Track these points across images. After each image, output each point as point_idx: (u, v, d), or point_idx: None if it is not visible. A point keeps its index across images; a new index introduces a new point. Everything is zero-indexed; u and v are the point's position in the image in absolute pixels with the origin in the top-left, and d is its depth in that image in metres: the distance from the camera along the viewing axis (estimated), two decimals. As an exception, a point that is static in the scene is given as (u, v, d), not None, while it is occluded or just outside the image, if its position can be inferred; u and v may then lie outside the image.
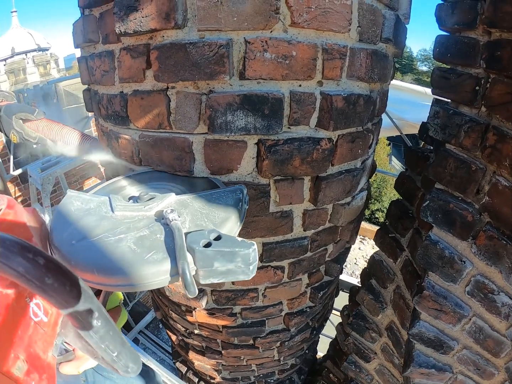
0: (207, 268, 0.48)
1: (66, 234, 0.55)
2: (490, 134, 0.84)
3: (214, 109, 0.77)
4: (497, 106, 0.84)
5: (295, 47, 0.75)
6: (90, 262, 0.49)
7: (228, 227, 0.59)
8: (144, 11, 0.72)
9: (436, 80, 0.96)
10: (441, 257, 0.93)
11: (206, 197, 0.67)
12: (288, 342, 1.26)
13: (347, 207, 1.01)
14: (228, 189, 0.69)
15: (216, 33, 0.72)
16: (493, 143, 0.84)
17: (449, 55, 0.92)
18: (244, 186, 0.71)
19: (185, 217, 0.59)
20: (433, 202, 0.95)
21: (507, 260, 0.83)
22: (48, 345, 0.45)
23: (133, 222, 0.57)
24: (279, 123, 0.79)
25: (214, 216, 0.60)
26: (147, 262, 0.48)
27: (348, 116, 0.85)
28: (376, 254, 1.23)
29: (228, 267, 0.48)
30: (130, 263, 0.48)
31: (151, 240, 0.52)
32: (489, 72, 0.84)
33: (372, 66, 0.85)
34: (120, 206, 0.61)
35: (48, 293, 0.31)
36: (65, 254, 0.51)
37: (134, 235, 0.53)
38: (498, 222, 0.85)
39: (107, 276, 0.48)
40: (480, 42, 0.85)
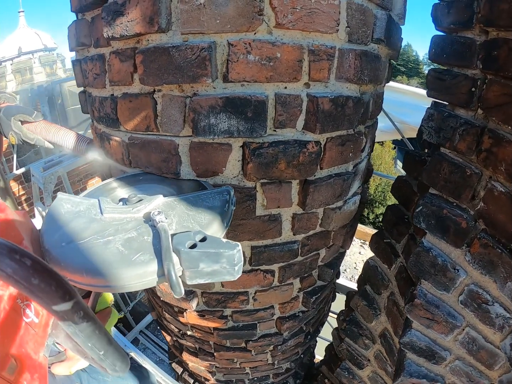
0: (193, 269, 0.49)
1: (57, 237, 0.55)
2: (486, 137, 0.80)
3: (197, 112, 0.76)
4: (493, 108, 0.80)
5: (279, 49, 0.73)
6: (79, 264, 0.49)
7: (214, 228, 0.59)
8: (130, 16, 0.73)
9: (431, 82, 0.93)
10: (434, 264, 0.90)
11: (193, 198, 0.67)
12: (281, 346, 1.24)
13: (339, 211, 0.99)
14: (215, 191, 0.69)
15: (200, 36, 0.71)
16: (489, 147, 0.80)
17: (444, 55, 0.89)
18: (231, 187, 0.71)
19: (172, 218, 0.59)
20: (426, 207, 0.92)
21: (502, 270, 0.79)
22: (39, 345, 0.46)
23: (121, 224, 0.58)
24: (262, 126, 0.77)
25: (201, 218, 0.61)
26: (134, 264, 0.49)
27: (336, 119, 0.82)
28: (371, 260, 1.20)
29: (213, 268, 0.49)
30: (118, 264, 0.49)
31: (139, 241, 0.53)
32: (486, 73, 0.81)
33: (362, 67, 0.82)
34: (109, 209, 0.61)
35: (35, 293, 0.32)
36: (55, 256, 0.51)
37: (122, 237, 0.54)
38: (494, 230, 0.81)
39: (96, 278, 0.48)
40: (476, 42, 0.81)
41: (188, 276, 0.50)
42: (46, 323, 0.49)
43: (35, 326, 0.46)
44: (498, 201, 0.79)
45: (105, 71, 0.88)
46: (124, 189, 0.78)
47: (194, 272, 0.49)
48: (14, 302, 0.42)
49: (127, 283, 0.49)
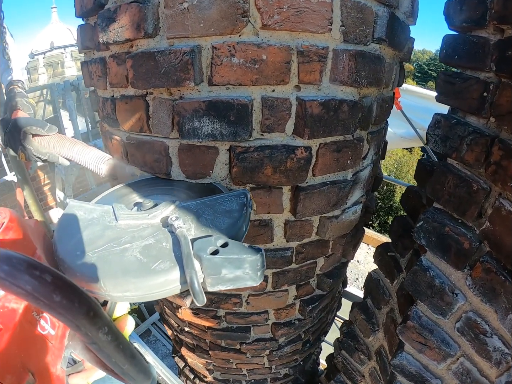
0: (215, 275, 0.47)
1: (71, 245, 0.53)
2: (496, 148, 0.71)
3: (181, 115, 0.75)
4: (505, 115, 0.70)
5: (265, 51, 0.70)
6: (95, 273, 0.47)
7: (233, 232, 0.57)
8: (120, 22, 0.74)
9: (441, 85, 0.83)
10: (431, 286, 0.81)
11: (210, 202, 0.64)
12: (277, 352, 1.20)
13: (335, 220, 0.93)
14: (231, 194, 0.67)
15: (185, 40, 0.70)
16: (498, 160, 0.71)
17: (456, 57, 0.79)
18: (248, 190, 0.68)
19: (190, 224, 0.57)
20: (428, 223, 0.83)
21: (504, 300, 0.70)
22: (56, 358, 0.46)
23: (137, 230, 0.56)
24: (246, 130, 0.74)
25: (219, 222, 0.58)
26: (154, 272, 0.47)
27: (328, 124, 0.77)
28: (374, 272, 1.12)
29: (236, 274, 0.47)
30: (137, 273, 0.47)
31: (157, 248, 0.51)
32: (499, 76, 0.71)
33: (358, 69, 0.75)
34: (124, 215, 0.59)
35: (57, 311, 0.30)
36: (70, 265, 0.49)
37: (139, 244, 0.52)
38: (499, 254, 0.72)
39: (114, 287, 0.46)
40: (490, 41, 0.71)
41: (209, 283, 0.47)
42: (62, 335, 0.48)
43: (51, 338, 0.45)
44: (506, 222, 0.70)
45: (106, 73, 0.90)
46: (137, 194, 0.76)
47: (216, 279, 0.47)
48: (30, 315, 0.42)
49: (147, 293, 0.47)
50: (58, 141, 0.99)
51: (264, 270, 0.48)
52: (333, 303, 1.28)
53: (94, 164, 0.93)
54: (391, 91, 0.98)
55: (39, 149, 0.99)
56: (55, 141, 0.99)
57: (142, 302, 1.00)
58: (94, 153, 0.94)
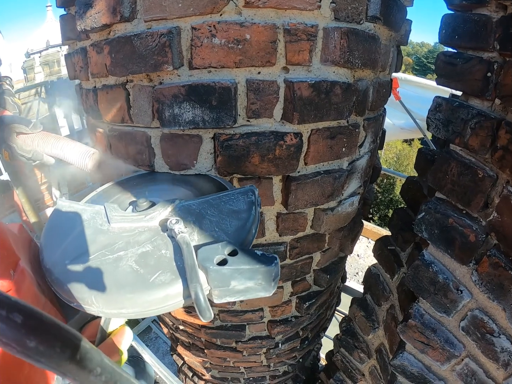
0: (223, 287, 0.40)
1: (59, 253, 0.46)
2: (502, 131, 0.63)
3: (161, 102, 0.69)
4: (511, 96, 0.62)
5: (248, 30, 0.63)
6: (86, 287, 0.40)
7: (242, 236, 0.49)
8: (97, 7, 0.69)
9: (441, 67, 0.75)
10: (434, 282, 0.73)
11: (214, 201, 0.55)
12: (274, 349, 1.13)
13: (331, 213, 0.85)
14: (237, 191, 0.57)
15: (163, 22, 0.64)
16: (506, 144, 0.63)
17: (456, 37, 0.71)
18: (255, 186, 0.59)
19: (192, 227, 0.49)
20: (430, 214, 0.76)
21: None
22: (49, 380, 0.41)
23: (133, 235, 0.48)
24: (229, 115, 0.67)
25: (226, 225, 0.50)
26: (153, 286, 0.40)
27: (320, 107, 0.69)
28: (374, 267, 1.04)
29: (247, 285, 0.40)
30: (133, 287, 0.40)
31: (156, 257, 0.44)
32: (504, 55, 0.63)
33: (350, 48, 0.68)
34: (117, 217, 0.51)
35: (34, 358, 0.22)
36: (58, 277, 0.42)
37: (135, 251, 0.45)
38: (507, 247, 0.64)
39: (107, 304, 0.40)
40: (493, 19, 0.63)
41: (216, 295, 0.41)
42: None
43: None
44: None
45: (87, 63, 0.85)
46: (131, 192, 0.67)
47: (224, 291, 0.40)
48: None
49: (146, 309, 0.40)
50: (42, 138, 0.92)
51: (278, 279, 0.41)
52: (331, 298, 1.21)
53: (79, 159, 0.85)
54: (388, 75, 0.90)
55: (23, 147, 0.92)
56: (39, 139, 0.92)
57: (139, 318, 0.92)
58: (78, 148, 0.87)
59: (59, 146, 0.87)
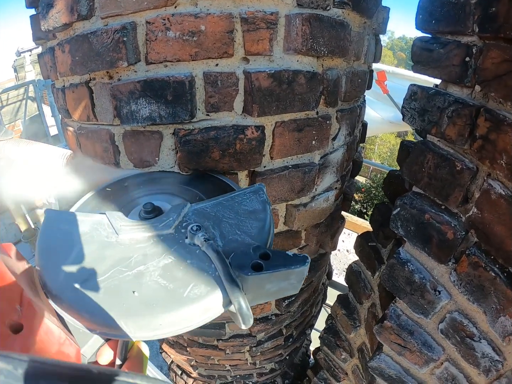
0: (258, 291, 0.37)
1: (63, 275, 0.38)
2: (481, 119, 0.55)
3: (118, 99, 0.62)
4: (492, 80, 0.54)
5: (203, 21, 0.56)
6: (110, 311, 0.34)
7: (265, 237, 0.44)
8: (57, 7, 0.65)
9: (417, 54, 0.66)
10: (410, 282, 0.65)
11: (227, 203, 0.49)
12: (257, 347, 1.06)
13: (303, 209, 0.77)
14: (248, 190, 0.52)
15: (119, 18, 0.58)
16: (485, 133, 0.54)
17: (433, 21, 0.62)
18: (264, 184, 0.53)
19: (212, 232, 0.43)
20: (405, 210, 0.67)
21: (495, 300, 0.54)
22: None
23: (148, 246, 0.41)
24: (185, 109, 0.59)
25: (247, 227, 0.45)
26: (189, 300, 0.35)
27: (282, 98, 0.61)
28: (355, 264, 0.96)
29: (280, 286, 0.38)
30: (168, 305, 0.34)
31: (182, 268, 0.38)
32: (483, 38, 0.54)
33: (313, 35, 0.59)
34: (126, 227, 0.43)
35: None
36: (70, 303, 0.35)
37: (157, 264, 0.39)
38: (488, 245, 0.55)
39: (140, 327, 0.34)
40: (471, 0, 0.54)
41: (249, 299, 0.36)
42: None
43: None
44: (496, 207, 0.53)
45: (55, 63, 0.79)
46: (128, 197, 0.58)
47: (258, 294, 0.38)
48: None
49: (185, 326, 0.35)
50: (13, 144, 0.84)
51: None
52: (316, 296, 1.13)
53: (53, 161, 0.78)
54: (364, 64, 0.81)
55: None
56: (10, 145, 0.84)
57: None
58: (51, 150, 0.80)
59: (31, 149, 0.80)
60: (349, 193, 0.97)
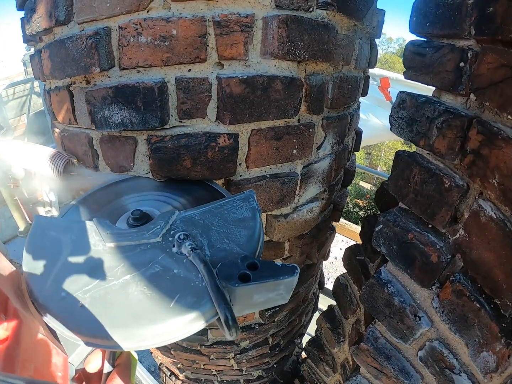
0: (245, 302, 0.36)
1: (49, 284, 0.37)
2: (473, 132, 0.48)
3: (92, 104, 0.60)
4: (487, 88, 0.47)
5: (175, 25, 0.52)
6: (96, 323, 0.33)
7: (254, 246, 0.42)
8: (39, 12, 0.64)
9: (409, 59, 0.60)
10: (389, 304, 0.59)
11: (216, 210, 0.47)
12: (241, 355, 1.02)
13: (284, 220, 0.72)
14: (238, 197, 0.49)
15: (94, 23, 0.56)
16: (477, 147, 0.48)
17: (428, 24, 0.55)
18: (254, 191, 0.50)
19: (200, 240, 0.42)
20: (388, 227, 0.61)
21: (478, 333, 0.47)
22: None
23: (134, 255, 0.40)
24: (155, 116, 0.55)
25: (236, 235, 0.43)
26: (175, 312, 0.33)
27: (256, 105, 0.57)
28: (342, 277, 0.90)
29: (268, 297, 0.36)
30: (153, 316, 0.33)
31: (168, 278, 0.37)
32: (480, 41, 0.47)
33: (291, 38, 0.54)
34: (113, 235, 0.41)
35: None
36: (56, 312, 0.34)
37: (143, 274, 0.37)
38: (475, 273, 0.49)
39: (125, 338, 0.32)
40: (468, 0, 0.47)
41: (237, 310, 0.35)
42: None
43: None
44: (486, 232, 0.47)
45: (42, 65, 0.77)
46: (117, 203, 0.56)
47: (245, 305, 0.36)
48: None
49: (168, 338, 0.33)
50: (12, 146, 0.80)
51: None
52: (305, 305, 1.08)
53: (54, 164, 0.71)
54: (355, 70, 0.75)
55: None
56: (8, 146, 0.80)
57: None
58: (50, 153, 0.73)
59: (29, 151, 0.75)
60: (340, 203, 0.91)
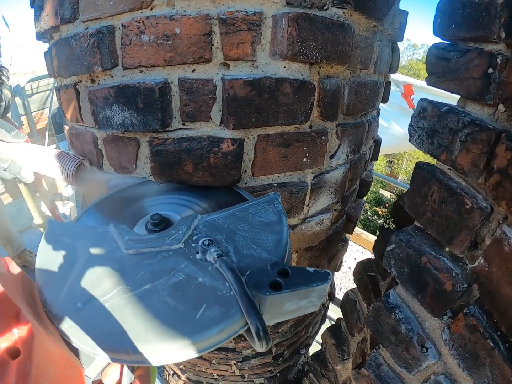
0: (275, 311, 0.34)
1: (64, 293, 0.35)
2: (501, 148, 0.43)
3: (94, 104, 0.60)
4: (517, 100, 0.42)
5: (178, 23, 0.50)
6: (115, 335, 0.31)
7: (282, 252, 0.40)
8: (46, 10, 0.65)
9: (432, 64, 0.54)
10: (395, 331, 0.55)
11: (240, 213, 0.45)
12: (243, 363, 1.00)
13: (291, 231, 0.69)
14: (263, 200, 0.47)
15: (98, 22, 0.56)
16: (505, 166, 0.43)
17: (453, 26, 0.50)
18: (278, 193, 0.49)
19: (225, 246, 0.40)
20: (400, 248, 0.56)
21: (488, 374, 0.42)
22: None
23: (155, 263, 0.38)
24: (156, 118, 0.54)
25: (263, 240, 0.41)
26: (201, 324, 0.32)
27: (263, 109, 0.54)
28: (351, 292, 0.85)
29: (299, 305, 0.35)
30: (178, 329, 0.31)
31: (193, 287, 0.35)
32: (510, 45, 0.42)
33: (302, 38, 0.51)
34: (132, 241, 0.39)
35: None
36: (72, 324, 0.32)
37: (166, 282, 0.35)
38: (492, 307, 0.44)
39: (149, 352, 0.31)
40: (497, 0, 0.42)
41: (267, 319, 0.33)
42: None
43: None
44: (508, 263, 0.42)
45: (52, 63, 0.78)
46: (134, 208, 0.54)
47: (276, 314, 0.34)
48: None
49: (196, 351, 0.31)
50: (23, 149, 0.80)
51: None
52: (313, 316, 1.04)
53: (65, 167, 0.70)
54: (374, 74, 0.70)
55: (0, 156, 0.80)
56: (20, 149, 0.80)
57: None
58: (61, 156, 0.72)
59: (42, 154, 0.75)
60: (354, 215, 0.86)
